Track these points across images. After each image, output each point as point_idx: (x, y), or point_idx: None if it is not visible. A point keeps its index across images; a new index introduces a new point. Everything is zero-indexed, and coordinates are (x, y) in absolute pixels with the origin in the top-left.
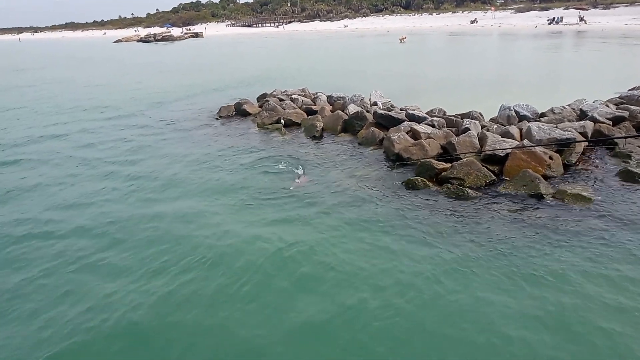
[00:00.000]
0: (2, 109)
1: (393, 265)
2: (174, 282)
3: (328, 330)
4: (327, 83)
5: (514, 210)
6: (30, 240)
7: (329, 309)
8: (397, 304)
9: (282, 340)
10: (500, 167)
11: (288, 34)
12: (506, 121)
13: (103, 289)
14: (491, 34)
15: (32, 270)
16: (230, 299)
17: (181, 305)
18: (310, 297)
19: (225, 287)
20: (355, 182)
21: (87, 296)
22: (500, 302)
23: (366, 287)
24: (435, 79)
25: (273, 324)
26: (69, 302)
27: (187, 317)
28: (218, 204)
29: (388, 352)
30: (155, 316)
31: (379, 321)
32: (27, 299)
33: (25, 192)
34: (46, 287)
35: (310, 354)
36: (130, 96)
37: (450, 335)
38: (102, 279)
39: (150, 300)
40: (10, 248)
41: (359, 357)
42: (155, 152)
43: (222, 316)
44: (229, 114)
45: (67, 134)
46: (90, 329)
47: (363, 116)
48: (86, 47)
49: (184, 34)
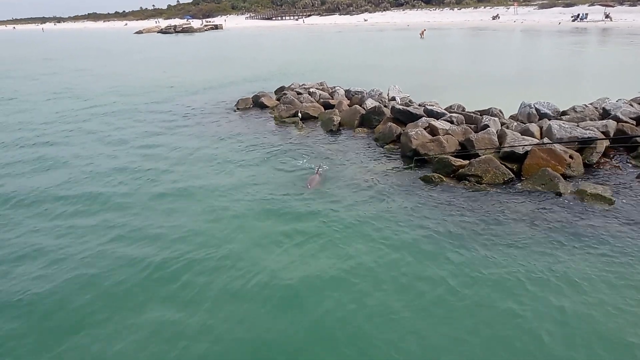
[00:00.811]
0: (29, 94)
1: (409, 262)
2: (179, 278)
3: (344, 327)
4: (345, 77)
5: (531, 209)
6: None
7: (345, 306)
8: (415, 303)
9: (300, 337)
10: (519, 165)
11: (307, 28)
12: (526, 119)
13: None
14: (513, 30)
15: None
16: (241, 295)
17: (188, 303)
18: (324, 293)
19: (236, 282)
20: (371, 177)
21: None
22: (516, 302)
23: (382, 284)
24: (455, 74)
25: (283, 320)
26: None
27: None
28: (232, 198)
29: (407, 350)
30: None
31: (398, 319)
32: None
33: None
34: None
35: (327, 351)
36: (150, 87)
37: (464, 332)
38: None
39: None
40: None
41: (384, 354)
42: (173, 142)
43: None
44: (246, 106)
45: (91, 120)
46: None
47: (381, 111)
48: (107, 38)
49: (204, 25)
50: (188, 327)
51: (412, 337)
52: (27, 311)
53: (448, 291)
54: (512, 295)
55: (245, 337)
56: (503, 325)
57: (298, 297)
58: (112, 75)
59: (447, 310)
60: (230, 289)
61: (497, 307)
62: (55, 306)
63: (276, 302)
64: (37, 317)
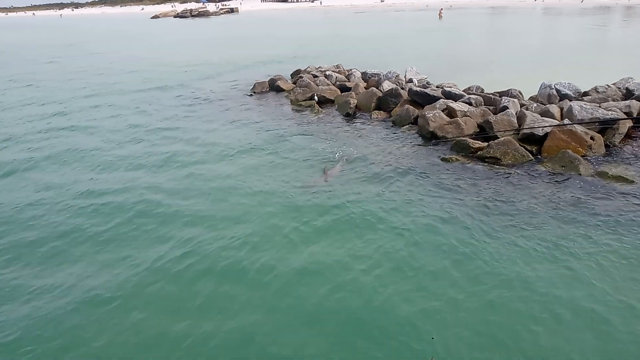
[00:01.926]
0: (48, 79)
1: (427, 244)
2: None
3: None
4: (361, 59)
5: (551, 191)
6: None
7: (366, 290)
8: (435, 284)
9: (317, 321)
10: (538, 147)
11: (323, 9)
12: (546, 100)
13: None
14: (534, 8)
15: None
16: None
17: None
18: (342, 276)
19: (252, 267)
20: (388, 160)
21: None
22: (535, 285)
23: (400, 268)
24: (474, 55)
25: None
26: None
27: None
28: (249, 181)
29: (422, 331)
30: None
31: (418, 303)
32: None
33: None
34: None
35: (350, 336)
36: (166, 71)
37: (484, 315)
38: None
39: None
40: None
41: (408, 337)
42: (190, 126)
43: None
44: (263, 89)
45: (110, 105)
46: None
47: (398, 93)
48: (124, 23)
49: (220, 9)
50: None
51: (433, 320)
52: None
53: (467, 273)
54: (532, 278)
55: (259, 322)
56: (521, 306)
57: (314, 280)
58: (128, 59)
59: (467, 292)
60: (242, 270)
61: (515, 288)
62: (104, 283)
63: (293, 284)
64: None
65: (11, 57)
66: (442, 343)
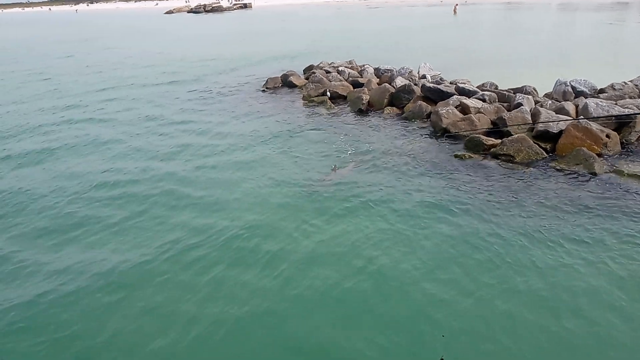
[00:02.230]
0: (63, 74)
1: (438, 241)
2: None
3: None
4: (374, 55)
5: (565, 189)
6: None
7: (380, 285)
8: (447, 279)
9: (332, 315)
10: (552, 144)
11: (337, 5)
12: (561, 97)
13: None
14: (550, 4)
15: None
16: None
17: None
18: (355, 271)
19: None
20: (400, 156)
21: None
22: (547, 285)
23: (413, 262)
24: (488, 51)
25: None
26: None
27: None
28: (261, 174)
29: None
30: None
31: (434, 298)
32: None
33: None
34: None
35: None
36: (180, 66)
37: (497, 313)
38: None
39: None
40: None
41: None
42: (203, 120)
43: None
44: (275, 85)
45: (126, 99)
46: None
47: (411, 89)
48: (139, 19)
49: (233, 4)
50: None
51: (443, 310)
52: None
53: (478, 268)
54: (543, 278)
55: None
56: (533, 308)
57: (323, 267)
58: (143, 54)
59: (476, 287)
60: (253, 256)
61: (527, 286)
62: (120, 267)
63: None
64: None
65: (29, 51)
66: (452, 336)
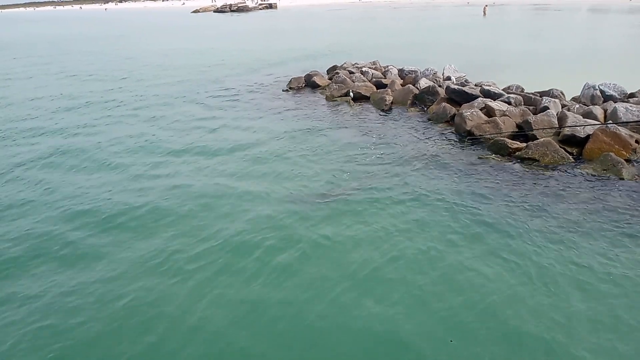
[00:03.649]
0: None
1: (459, 246)
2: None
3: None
4: (399, 56)
5: (591, 195)
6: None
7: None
8: (466, 286)
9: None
10: (579, 149)
11: (362, 5)
12: (589, 101)
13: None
14: (579, 7)
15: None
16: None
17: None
18: (373, 277)
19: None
20: (423, 158)
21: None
22: (569, 293)
23: (430, 267)
24: (515, 54)
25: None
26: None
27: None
28: (282, 177)
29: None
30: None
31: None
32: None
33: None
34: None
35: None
36: (205, 65)
37: (519, 320)
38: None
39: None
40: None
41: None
42: (228, 120)
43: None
44: (299, 85)
45: (155, 96)
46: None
47: (435, 91)
48: (166, 18)
49: (258, 4)
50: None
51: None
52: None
53: (499, 276)
54: (568, 285)
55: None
56: (559, 317)
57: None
58: (168, 53)
59: (500, 294)
60: (282, 274)
61: (550, 294)
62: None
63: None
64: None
65: (67, 49)
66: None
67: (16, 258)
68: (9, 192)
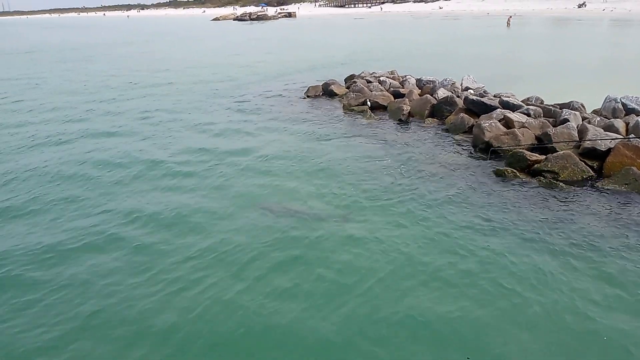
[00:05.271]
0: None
1: (474, 261)
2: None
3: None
4: (417, 66)
5: (612, 210)
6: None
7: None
8: (475, 307)
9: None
10: (600, 162)
11: (380, 15)
12: (611, 114)
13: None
14: (601, 19)
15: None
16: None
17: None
18: (383, 288)
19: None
20: (440, 169)
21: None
22: (587, 316)
23: (443, 282)
24: (534, 65)
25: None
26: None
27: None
28: (300, 185)
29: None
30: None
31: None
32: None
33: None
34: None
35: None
36: (223, 73)
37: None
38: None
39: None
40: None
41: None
42: (245, 126)
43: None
44: (316, 93)
45: (168, 108)
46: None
47: (453, 101)
48: (186, 25)
49: (278, 13)
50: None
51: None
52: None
53: (515, 294)
54: (584, 306)
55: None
56: (577, 338)
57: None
58: (187, 60)
59: (517, 314)
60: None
61: (566, 314)
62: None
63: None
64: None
65: (97, 55)
66: None
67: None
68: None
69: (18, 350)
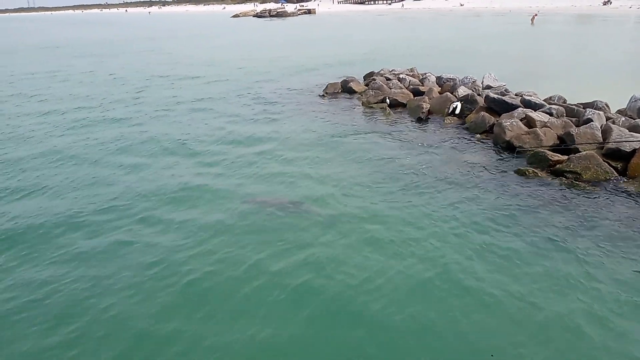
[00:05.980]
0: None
1: (494, 263)
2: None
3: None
4: (437, 64)
5: (636, 213)
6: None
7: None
8: (494, 304)
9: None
10: (624, 164)
11: (400, 12)
12: (636, 114)
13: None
14: (628, 17)
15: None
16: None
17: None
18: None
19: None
20: (460, 168)
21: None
22: (610, 322)
23: (465, 285)
24: (557, 64)
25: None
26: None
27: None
28: (319, 182)
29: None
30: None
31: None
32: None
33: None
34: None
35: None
36: (242, 70)
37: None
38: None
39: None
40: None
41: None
42: (265, 124)
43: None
44: (335, 90)
45: (188, 103)
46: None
47: (473, 99)
48: (207, 21)
49: (297, 10)
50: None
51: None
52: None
53: (534, 297)
54: (602, 311)
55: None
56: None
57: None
58: (207, 57)
59: (532, 321)
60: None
61: (583, 319)
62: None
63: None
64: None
65: (120, 51)
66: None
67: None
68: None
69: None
